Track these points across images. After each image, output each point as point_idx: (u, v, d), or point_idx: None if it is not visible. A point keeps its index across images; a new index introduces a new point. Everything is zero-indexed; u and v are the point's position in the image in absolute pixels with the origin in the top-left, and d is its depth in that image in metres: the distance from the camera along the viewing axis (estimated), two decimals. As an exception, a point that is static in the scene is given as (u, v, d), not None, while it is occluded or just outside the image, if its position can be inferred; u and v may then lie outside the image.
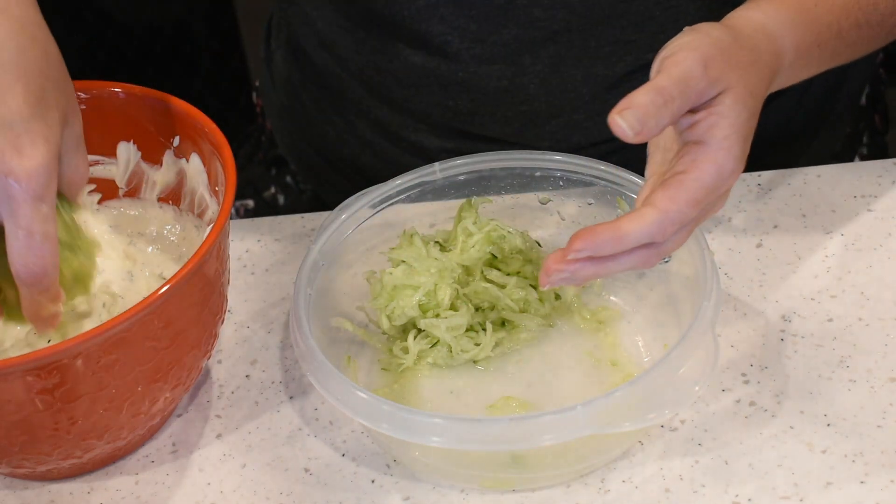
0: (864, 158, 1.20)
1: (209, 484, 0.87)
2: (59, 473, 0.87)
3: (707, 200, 0.78)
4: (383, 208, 0.94)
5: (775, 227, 0.98)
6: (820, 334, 0.91)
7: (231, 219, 1.00)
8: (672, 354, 0.79)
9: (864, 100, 1.20)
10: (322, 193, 1.21)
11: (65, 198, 0.90)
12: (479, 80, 1.03)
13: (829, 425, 0.85)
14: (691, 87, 0.77)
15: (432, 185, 0.94)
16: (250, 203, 1.25)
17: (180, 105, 0.92)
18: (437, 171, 0.94)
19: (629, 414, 0.78)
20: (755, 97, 0.81)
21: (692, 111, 0.79)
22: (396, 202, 0.94)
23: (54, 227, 0.79)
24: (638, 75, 1.01)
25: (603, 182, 0.92)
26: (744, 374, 0.89)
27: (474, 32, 1.00)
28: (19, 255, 0.77)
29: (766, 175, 1.03)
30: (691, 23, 0.97)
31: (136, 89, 0.93)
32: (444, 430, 0.78)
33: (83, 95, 0.94)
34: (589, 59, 1.01)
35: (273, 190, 1.24)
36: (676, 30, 0.96)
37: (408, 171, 0.94)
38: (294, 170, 1.23)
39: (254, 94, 1.30)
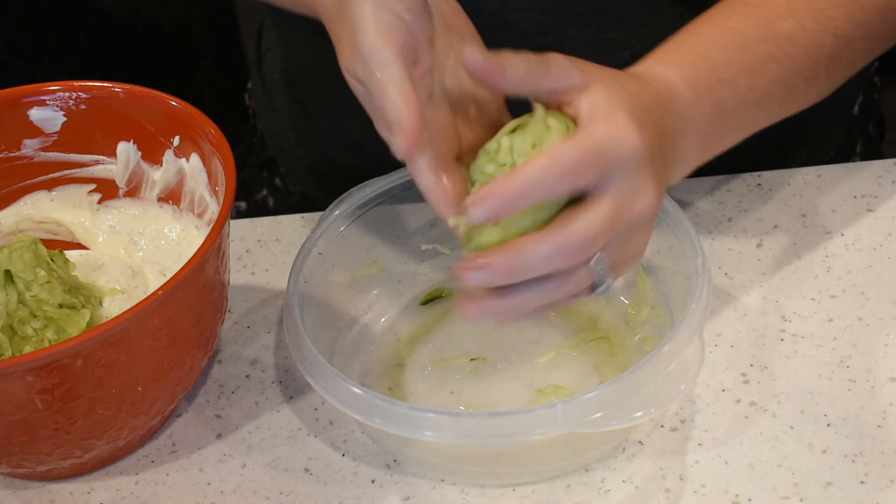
0: None
1: (209, 484, 0.87)
2: (59, 473, 0.87)
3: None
4: (380, 204, 0.94)
5: (775, 227, 0.98)
6: (820, 334, 0.90)
7: (230, 219, 0.99)
8: (656, 355, 0.79)
9: (856, 109, 1.18)
10: (311, 196, 1.21)
11: (61, 254, 0.90)
12: None
13: (829, 425, 0.85)
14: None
15: None
16: (242, 205, 1.25)
17: (180, 105, 0.92)
18: None
19: (611, 413, 0.78)
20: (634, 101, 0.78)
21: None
22: (392, 199, 0.94)
23: None
24: None
25: None
26: (744, 374, 0.89)
27: None
28: None
29: (767, 175, 1.03)
30: (667, 19, 0.96)
31: (136, 89, 0.93)
32: (437, 425, 0.78)
33: (83, 95, 0.94)
34: None
35: (264, 192, 1.24)
36: (652, 26, 0.94)
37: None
38: (283, 172, 1.23)
39: (246, 96, 1.30)
